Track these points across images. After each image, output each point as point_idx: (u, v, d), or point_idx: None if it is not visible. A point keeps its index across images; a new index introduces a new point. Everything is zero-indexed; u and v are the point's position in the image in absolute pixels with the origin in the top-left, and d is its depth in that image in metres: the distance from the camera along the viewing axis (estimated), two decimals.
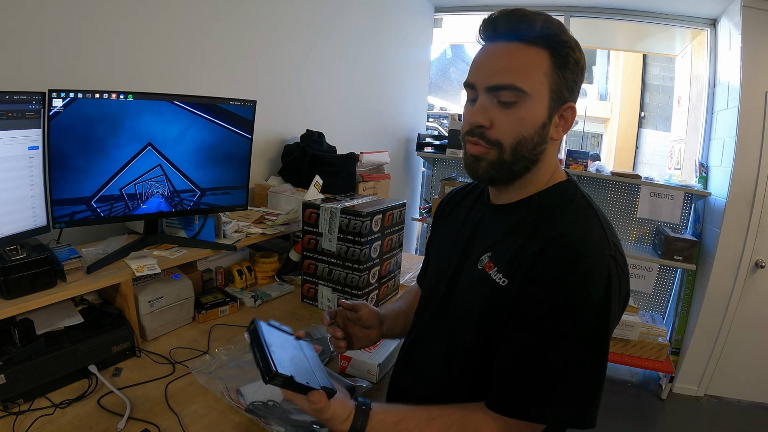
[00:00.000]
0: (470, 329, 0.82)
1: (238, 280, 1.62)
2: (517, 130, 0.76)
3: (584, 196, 0.82)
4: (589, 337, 0.69)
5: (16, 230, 1.06)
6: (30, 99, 1.04)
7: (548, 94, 0.75)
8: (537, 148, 0.78)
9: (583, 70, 0.78)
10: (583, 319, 0.69)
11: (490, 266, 0.80)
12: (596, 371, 0.70)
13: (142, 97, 1.23)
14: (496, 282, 0.78)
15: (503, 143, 0.77)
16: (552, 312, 0.70)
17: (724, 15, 2.88)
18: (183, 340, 1.27)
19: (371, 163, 2.42)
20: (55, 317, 1.10)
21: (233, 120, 1.43)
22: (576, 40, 0.77)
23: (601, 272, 0.69)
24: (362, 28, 2.78)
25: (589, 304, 0.69)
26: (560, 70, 0.75)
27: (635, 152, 5.45)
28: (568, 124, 0.80)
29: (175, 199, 1.37)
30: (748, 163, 2.64)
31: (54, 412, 0.94)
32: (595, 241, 0.72)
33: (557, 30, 0.75)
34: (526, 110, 0.75)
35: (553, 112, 0.77)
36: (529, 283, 0.72)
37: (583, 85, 0.82)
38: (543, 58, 0.74)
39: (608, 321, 0.70)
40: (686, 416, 2.78)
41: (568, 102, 0.78)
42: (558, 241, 0.72)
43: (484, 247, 0.85)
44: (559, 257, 0.71)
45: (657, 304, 3.33)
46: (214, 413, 0.98)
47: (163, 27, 1.60)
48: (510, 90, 0.74)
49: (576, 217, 0.77)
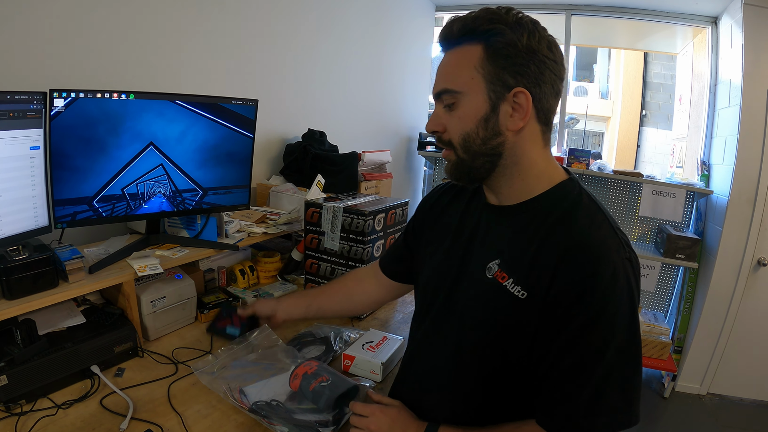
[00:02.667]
0: (483, 340, 0.80)
1: (241, 280, 1.61)
2: (460, 127, 0.78)
3: (590, 196, 0.80)
4: (626, 342, 0.70)
5: (18, 230, 1.06)
6: (31, 99, 1.04)
7: (484, 85, 0.75)
8: (488, 141, 0.77)
9: (539, 53, 0.73)
10: (618, 326, 0.70)
11: (503, 276, 0.78)
12: (636, 371, 0.72)
13: (143, 96, 1.22)
14: (514, 295, 0.76)
15: (454, 143, 0.79)
16: (585, 327, 0.70)
17: (725, 13, 2.88)
18: (185, 340, 1.27)
19: (373, 162, 2.42)
20: (57, 318, 1.10)
21: (235, 119, 1.42)
22: (521, 22, 0.73)
23: (622, 279, 0.70)
24: (364, 27, 2.77)
25: (619, 312, 0.70)
26: (494, 58, 0.73)
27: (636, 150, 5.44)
28: (526, 110, 0.75)
29: (177, 198, 1.37)
30: (750, 161, 2.63)
31: (56, 413, 0.94)
32: (611, 246, 0.72)
33: (484, 21, 0.73)
34: (463, 108, 0.77)
35: (497, 102, 0.75)
36: (555, 300, 0.72)
37: (584, 83, 0.80)
38: (473, 53, 0.75)
39: (637, 321, 0.72)
40: (689, 415, 2.77)
41: (517, 87, 0.74)
42: (575, 251, 0.71)
43: (489, 252, 0.82)
44: (582, 269, 0.70)
45: (659, 302, 3.32)
46: (217, 413, 0.97)
47: (165, 26, 1.60)
48: (445, 94, 0.78)
49: (588, 221, 0.75)
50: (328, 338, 1.25)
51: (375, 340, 1.22)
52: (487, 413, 0.82)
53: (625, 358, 0.71)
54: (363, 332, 1.30)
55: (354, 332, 1.32)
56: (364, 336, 1.25)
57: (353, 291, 1.21)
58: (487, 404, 0.81)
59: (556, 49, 0.76)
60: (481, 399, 0.82)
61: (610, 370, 0.70)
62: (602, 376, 0.70)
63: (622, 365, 0.70)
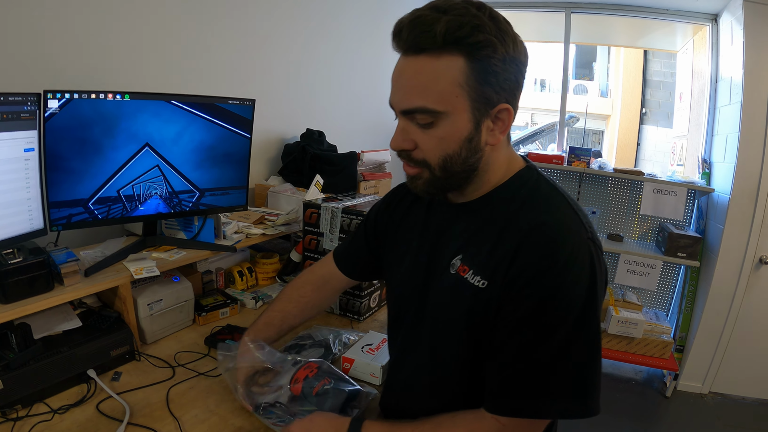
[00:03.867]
0: (455, 338, 0.79)
1: (239, 282, 1.60)
2: (441, 149, 0.72)
3: (548, 181, 0.79)
4: (579, 325, 0.68)
5: (13, 233, 1.05)
6: (25, 100, 1.03)
7: (468, 104, 0.69)
8: (469, 160, 0.74)
9: (518, 60, 0.70)
10: (571, 308, 0.67)
11: (464, 269, 0.77)
12: (590, 358, 0.69)
13: (139, 97, 1.21)
14: (474, 285, 0.75)
15: (430, 163, 0.74)
16: (538, 306, 0.68)
17: (725, 10, 2.86)
18: (183, 343, 1.25)
19: (372, 162, 2.40)
20: (53, 321, 1.08)
21: (232, 119, 1.41)
22: (501, 26, 0.68)
23: (582, 258, 0.68)
24: (362, 25, 2.76)
25: (574, 292, 0.68)
26: (480, 74, 0.67)
27: (636, 149, 5.43)
28: (506, 124, 0.73)
29: (174, 200, 1.36)
30: (752, 159, 2.62)
31: (52, 418, 0.93)
32: (571, 227, 0.71)
33: (468, 29, 0.65)
34: (444, 129, 0.71)
35: (480, 121, 0.71)
36: (512, 281, 0.70)
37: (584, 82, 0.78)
38: (455, 67, 0.67)
39: (595, 305, 0.69)
40: (691, 414, 2.76)
41: (500, 104, 0.70)
42: (534, 233, 0.70)
43: (452, 250, 0.81)
44: (539, 250, 0.69)
45: (661, 301, 3.31)
46: (215, 418, 0.96)
47: (160, 26, 1.59)
48: (422, 113, 0.70)
49: (546, 206, 0.74)
50: (327, 341, 1.24)
51: (375, 343, 1.20)
52: None
53: (580, 342, 0.68)
54: (362, 334, 1.28)
55: (353, 334, 1.31)
56: (363, 338, 1.23)
57: (315, 301, 1.14)
58: (472, 402, 0.79)
59: (526, 51, 0.72)
60: (464, 399, 0.80)
61: (561, 352, 0.68)
62: (552, 357, 0.68)
63: (576, 348, 0.68)
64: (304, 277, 1.16)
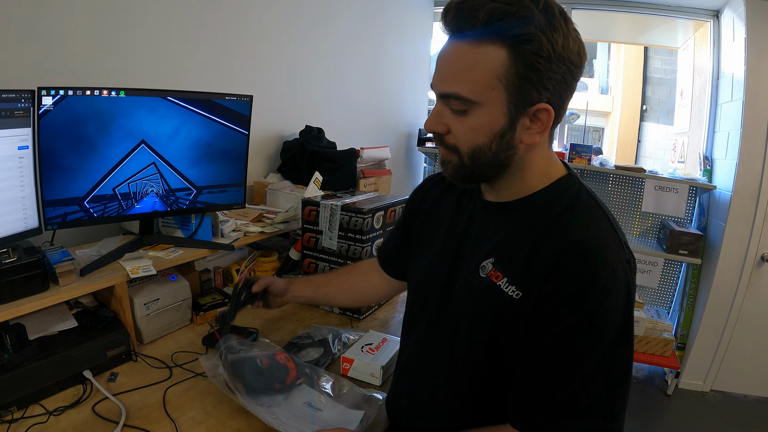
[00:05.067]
0: (477, 344, 0.77)
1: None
2: (471, 138, 0.71)
3: (589, 192, 0.76)
4: (613, 349, 0.66)
5: (7, 233, 1.03)
6: (19, 97, 1.01)
7: (505, 98, 0.66)
8: (500, 155, 0.71)
9: (568, 60, 0.66)
10: (606, 332, 0.66)
11: (497, 276, 0.74)
12: (620, 381, 0.68)
13: (134, 93, 1.19)
14: (508, 295, 0.72)
15: (460, 150, 0.73)
16: (574, 328, 0.66)
17: (727, 6, 2.84)
18: (180, 343, 1.24)
19: (372, 159, 2.39)
20: (49, 321, 1.07)
21: (229, 116, 1.39)
22: (554, 20, 0.64)
23: (620, 281, 0.67)
24: (361, 21, 2.74)
25: (612, 316, 0.66)
26: (522, 69, 0.64)
27: (637, 146, 5.41)
28: (545, 125, 0.70)
29: (171, 198, 1.34)
30: (754, 156, 2.61)
31: (48, 420, 0.92)
32: (611, 247, 0.68)
33: (514, 20, 0.62)
34: (476, 119, 0.69)
35: (516, 118, 0.68)
36: (547, 297, 0.68)
37: (584, 79, 0.75)
38: (495, 58, 0.64)
39: (630, 329, 0.68)
40: (692, 412, 2.75)
41: (540, 103, 0.67)
42: (574, 250, 0.67)
43: (483, 251, 0.78)
44: (579, 269, 0.66)
45: (662, 299, 3.30)
46: (212, 419, 0.95)
47: (156, 21, 1.57)
48: (456, 99, 0.69)
49: (587, 220, 0.72)
50: (326, 340, 1.23)
51: (375, 342, 1.19)
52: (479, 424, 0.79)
53: (612, 365, 0.67)
54: (362, 334, 1.27)
55: (353, 334, 1.29)
56: (363, 338, 1.22)
57: (358, 285, 1.20)
58: (479, 416, 0.78)
59: (584, 53, 0.68)
60: (474, 410, 0.79)
61: (594, 375, 0.66)
62: (584, 380, 0.66)
63: (608, 371, 0.67)
64: (355, 264, 1.26)
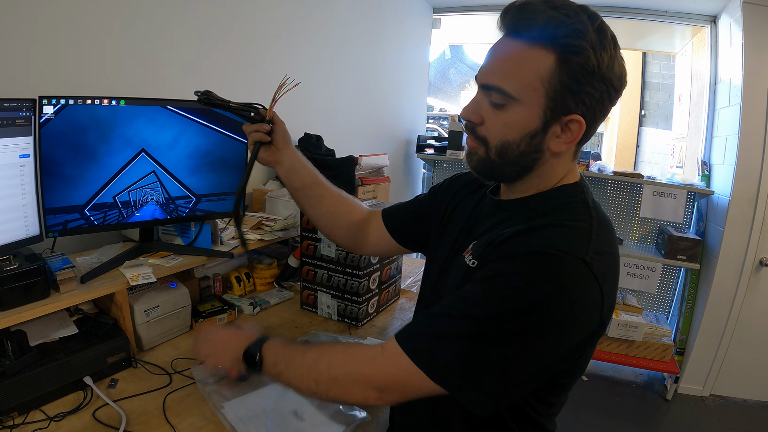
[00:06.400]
0: None
1: (237, 287, 1.59)
2: (502, 133, 0.73)
3: (586, 202, 0.76)
4: (495, 325, 0.65)
5: (9, 240, 1.04)
6: (20, 106, 1.03)
7: (544, 102, 0.69)
8: (526, 156, 0.74)
9: (609, 81, 0.68)
10: (511, 301, 0.64)
11: (467, 252, 0.80)
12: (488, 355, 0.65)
13: (134, 102, 1.21)
14: (467, 265, 0.77)
15: (489, 142, 0.75)
16: (481, 279, 0.69)
17: (724, 11, 2.86)
18: (180, 350, 1.25)
19: (370, 166, 2.40)
20: (50, 328, 1.08)
21: (228, 124, 1.41)
22: (604, 41, 0.67)
23: (553, 269, 0.64)
24: (359, 29, 2.76)
25: (515, 296, 0.64)
26: (565, 78, 0.67)
27: (636, 151, 5.42)
28: (574, 136, 0.72)
29: (170, 206, 1.35)
30: (751, 161, 2.62)
31: (48, 425, 0.93)
32: (569, 240, 0.68)
33: (569, 31, 0.65)
34: (512, 115, 0.71)
35: (550, 122, 0.71)
36: (485, 257, 0.73)
37: None
38: (543, 62, 0.67)
39: (533, 319, 0.64)
40: (692, 417, 2.75)
41: (575, 114, 0.70)
42: (531, 230, 0.70)
43: (471, 239, 0.83)
44: (521, 241, 0.69)
45: (661, 304, 3.30)
46: (212, 426, 0.96)
47: (155, 31, 1.58)
48: (497, 92, 0.71)
49: (564, 216, 0.73)
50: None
51: None
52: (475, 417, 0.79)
53: (481, 334, 0.65)
54: (361, 340, 1.28)
55: (351, 340, 1.30)
56: None
57: (353, 215, 1.13)
58: None
59: (625, 80, 0.71)
60: None
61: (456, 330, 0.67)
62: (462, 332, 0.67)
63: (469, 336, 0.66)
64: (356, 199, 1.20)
